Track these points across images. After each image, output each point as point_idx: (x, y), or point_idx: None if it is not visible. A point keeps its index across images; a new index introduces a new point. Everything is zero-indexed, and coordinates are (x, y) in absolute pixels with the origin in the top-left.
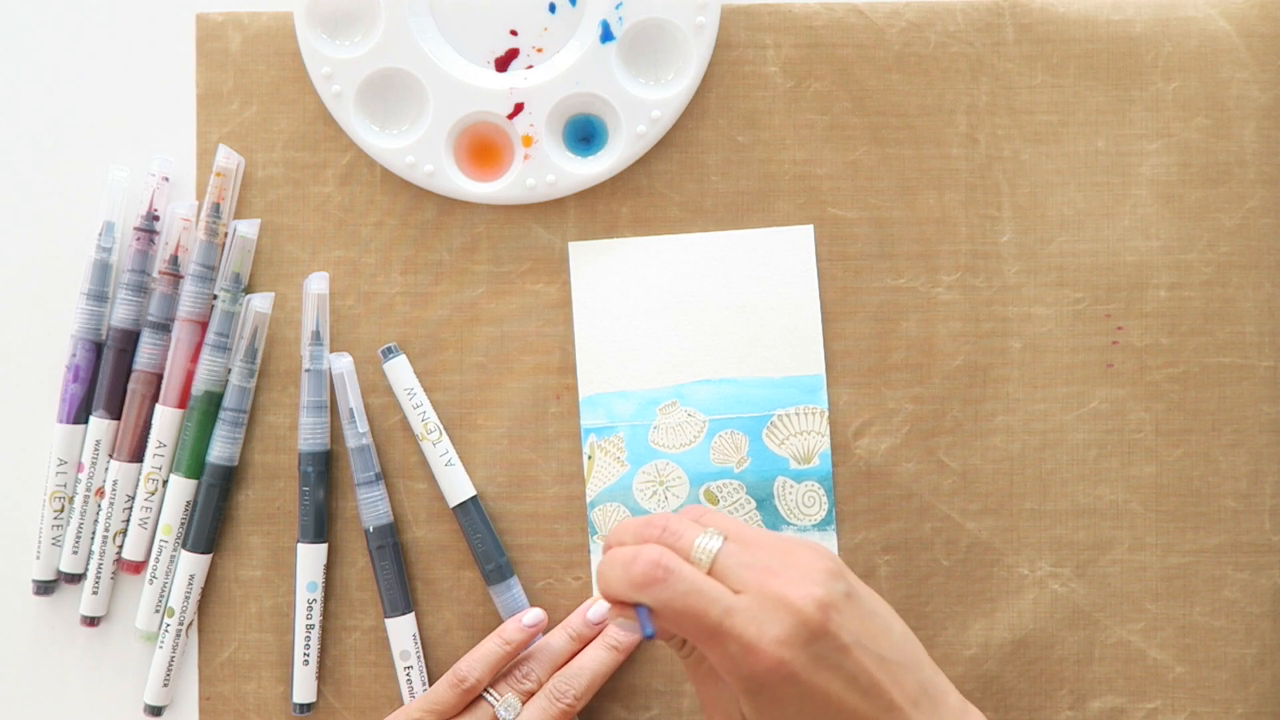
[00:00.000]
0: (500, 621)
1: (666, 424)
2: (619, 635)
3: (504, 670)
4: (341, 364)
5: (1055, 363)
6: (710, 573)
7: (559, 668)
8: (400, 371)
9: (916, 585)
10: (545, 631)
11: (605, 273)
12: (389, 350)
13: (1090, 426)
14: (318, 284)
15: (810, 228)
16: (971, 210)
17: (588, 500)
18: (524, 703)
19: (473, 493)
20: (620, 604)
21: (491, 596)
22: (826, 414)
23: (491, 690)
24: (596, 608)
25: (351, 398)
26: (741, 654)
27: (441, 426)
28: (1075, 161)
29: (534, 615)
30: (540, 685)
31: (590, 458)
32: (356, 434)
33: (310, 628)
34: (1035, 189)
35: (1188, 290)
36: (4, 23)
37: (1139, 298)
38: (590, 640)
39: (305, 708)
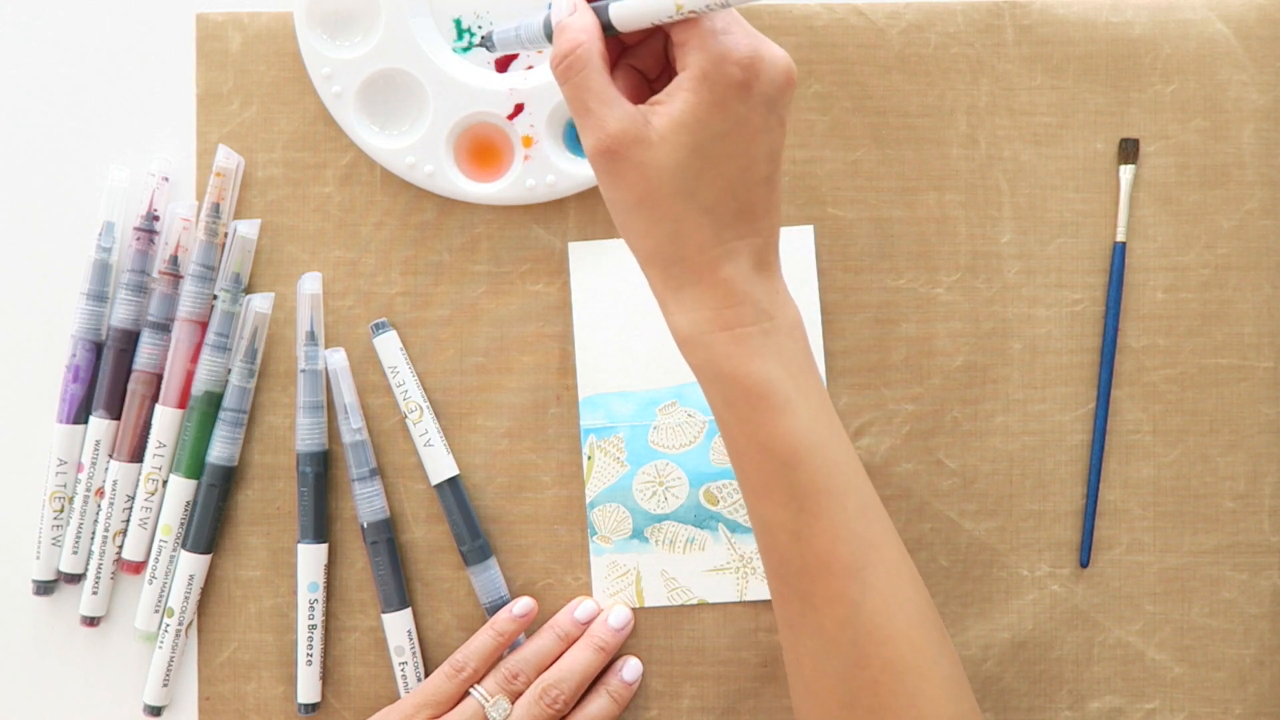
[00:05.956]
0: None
1: (666, 424)
2: (605, 636)
3: (496, 667)
4: (336, 359)
5: (1054, 363)
6: None
7: (547, 668)
8: (388, 347)
9: None
10: (534, 626)
11: (605, 273)
12: (380, 325)
13: (1089, 427)
14: (310, 284)
15: (810, 228)
16: (971, 211)
17: (587, 500)
18: (513, 703)
19: (452, 473)
20: None
21: (470, 578)
22: None
23: (482, 690)
24: (584, 607)
25: (346, 393)
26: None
27: (424, 406)
28: (1074, 163)
29: (524, 605)
30: (529, 685)
31: (590, 458)
32: (351, 430)
33: (313, 628)
34: (1035, 190)
35: (1186, 292)
36: (4, 23)
37: (1137, 299)
38: (576, 639)
39: (310, 708)
